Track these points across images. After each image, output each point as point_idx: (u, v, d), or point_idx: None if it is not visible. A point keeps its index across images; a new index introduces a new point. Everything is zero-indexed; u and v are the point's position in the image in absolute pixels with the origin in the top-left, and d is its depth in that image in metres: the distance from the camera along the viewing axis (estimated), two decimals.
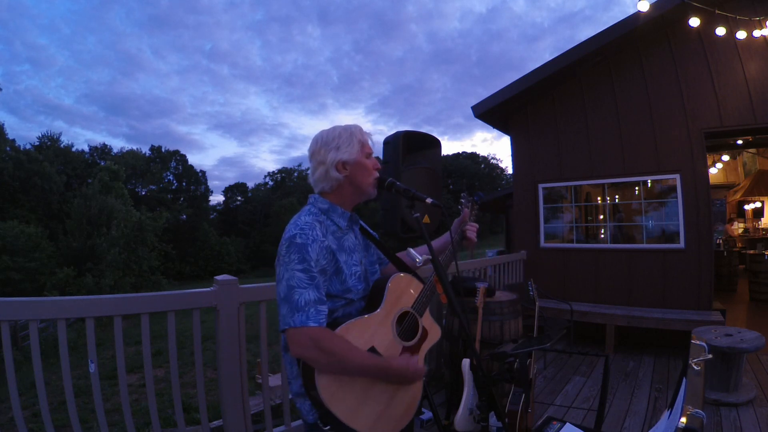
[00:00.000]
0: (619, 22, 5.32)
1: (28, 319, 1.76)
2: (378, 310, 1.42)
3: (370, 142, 1.54)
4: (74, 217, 30.60)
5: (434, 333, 1.59)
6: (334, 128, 1.50)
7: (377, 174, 1.52)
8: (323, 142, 1.47)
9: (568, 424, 1.60)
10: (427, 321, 1.57)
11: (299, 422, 2.63)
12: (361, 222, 1.62)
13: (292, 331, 1.26)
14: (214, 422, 2.92)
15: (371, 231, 1.66)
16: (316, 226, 1.36)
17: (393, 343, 1.42)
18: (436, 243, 1.75)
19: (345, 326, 1.33)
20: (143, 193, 52.23)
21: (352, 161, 1.45)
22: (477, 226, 1.78)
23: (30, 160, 37.68)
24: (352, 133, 1.47)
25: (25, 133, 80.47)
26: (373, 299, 1.47)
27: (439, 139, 2.87)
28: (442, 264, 1.61)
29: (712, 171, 10.59)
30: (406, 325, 1.49)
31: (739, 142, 7.45)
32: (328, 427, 1.32)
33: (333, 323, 1.34)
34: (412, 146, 2.72)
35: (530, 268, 6.09)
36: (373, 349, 1.36)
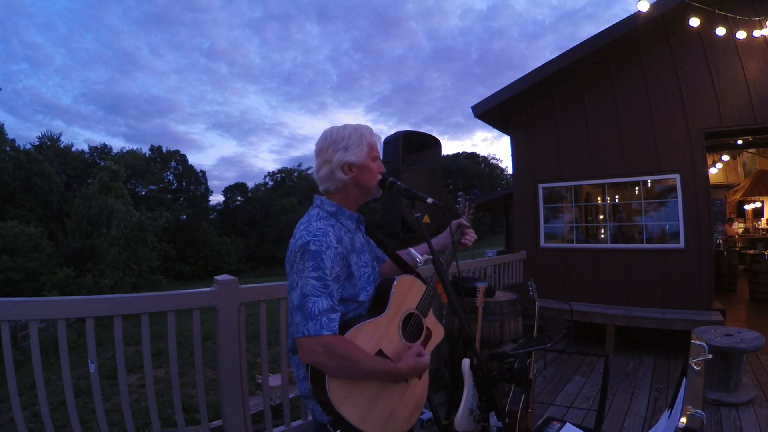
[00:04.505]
0: (619, 22, 5.32)
1: (28, 319, 1.76)
2: (384, 313, 1.42)
3: (378, 145, 1.52)
4: (74, 217, 30.54)
5: (438, 332, 1.60)
6: (345, 127, 1.46)
7: (380, 177, 1.50)
8: (332, 140, 1.43)
9: (568, 424, 1.60)
10: (430, 321, 1.57)
11: (299, 422, 2.63)
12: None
13: (305, 340, 1.25)
14: (214, 422, 2.92)
15: (371, 230, 1.66)
16: (329, 232, 1.34)
17: (399, 344, 1.43)
18: (434, 242, 1.74)
19: (353, 331, 1.32)
20: (143, 193, 52.21)
21: (359, 164, 1.43)
22: (473, 233, 1.77)
23: (30, 160, 37.66)
24: (362, 134, 1.44)
25: (24, 132, 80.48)
26: (378, 301, 1.47)
27: (439, 138, 2.86)
28: (442, 264, 1.61)
29: (712, 171, 10.60)
30: (411, 326, 1.50)
31: (739, 142, 7.46)
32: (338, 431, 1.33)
33: (344, 325, 1.34)
34: (412, 146, 2.72)
35: (530, 268, 6.09)
36: (380, 352, 1.36)
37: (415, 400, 1.47)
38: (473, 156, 79.82)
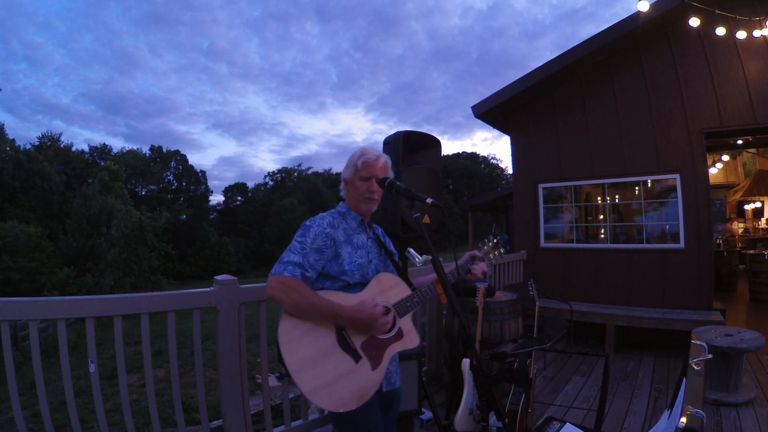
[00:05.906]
0: (619, 22, 5.32)
1: (28, 319, 1.76)
2: (358, 294, 1.57)
3: (375, 167, 1.67)
4: (74, 217, 30.52)
5: (411, 340, 1.64)
6: (357, 148, 1.75)
7: (370, 197, 1.68)
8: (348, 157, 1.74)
9: (568, 424, 1.60)
10: (406, 325, 1.64)
11: (299, 422, 2.63)
12: (383, 238, 1.83)
13: (270, 278, 1.51)
14: (214, 422, 2.92)
15: (390, 247, 1.84)
16: (326, 218, 1.66)
17: None
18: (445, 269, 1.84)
19: (322, 291, 1.54)
20: (143, 193, 52.14)
21: (348, 181, 1.73)
22: (485, 266, 1.87)
23: (30, 160, 37.61)
24: (352, 156, 1.72)
25: (24, 132, 79.92)
26: (362, 287, 1.64)
27: (439, 138, 2.86)
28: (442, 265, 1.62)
29: (712, 171, 10.60)
30: None
31: (739, 142, 7.46)
32: (277, 375, 1.45)
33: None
34: (412, 146, 2.72)
35: (530, 268, 6.09)
36: None
37: (363, 386, 1.48)
38: (473, 156, 79.68)
